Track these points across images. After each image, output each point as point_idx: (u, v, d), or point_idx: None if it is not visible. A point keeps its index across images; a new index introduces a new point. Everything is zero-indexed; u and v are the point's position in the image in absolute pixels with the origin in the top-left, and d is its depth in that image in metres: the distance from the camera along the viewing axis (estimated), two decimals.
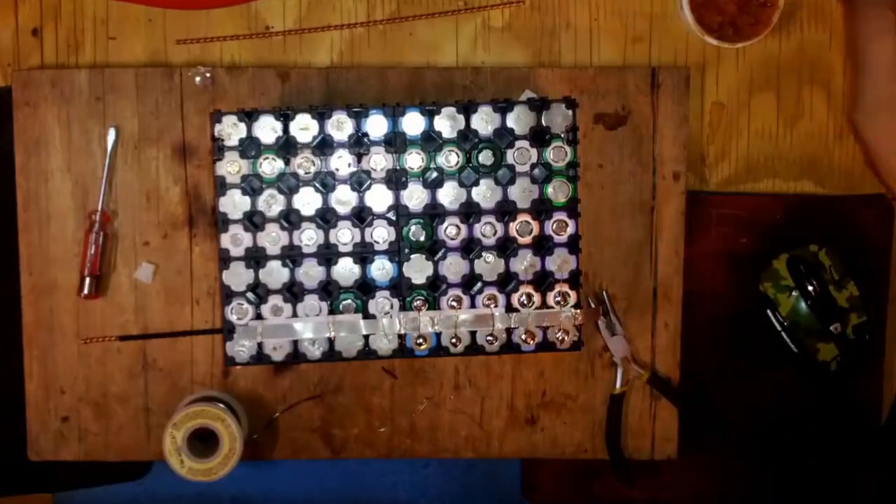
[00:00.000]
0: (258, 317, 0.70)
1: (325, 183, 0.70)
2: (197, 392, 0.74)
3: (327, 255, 0.70)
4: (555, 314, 0.71)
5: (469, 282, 0.71)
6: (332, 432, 0.76)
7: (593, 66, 0.76)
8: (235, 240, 0.70)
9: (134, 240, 0.74)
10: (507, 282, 0.71)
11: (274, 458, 0.76)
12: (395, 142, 0.70)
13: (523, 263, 0.71)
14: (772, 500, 0.80)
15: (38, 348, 0.74)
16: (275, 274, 0.70)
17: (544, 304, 0.71)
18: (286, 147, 0.69)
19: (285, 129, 0.69)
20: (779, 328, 0.76)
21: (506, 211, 0.70)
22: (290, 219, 0.70)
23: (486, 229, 0.70)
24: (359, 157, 0.70)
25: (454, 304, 0.71)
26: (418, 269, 0.70)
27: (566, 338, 0.71)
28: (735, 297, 0.78)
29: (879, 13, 0.72)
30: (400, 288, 0.70)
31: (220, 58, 0.75)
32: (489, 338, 0.71)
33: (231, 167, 0.69)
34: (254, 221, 0.70)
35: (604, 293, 0.75)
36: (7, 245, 0.73)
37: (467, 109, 0.70)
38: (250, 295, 0.70)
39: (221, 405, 0.71)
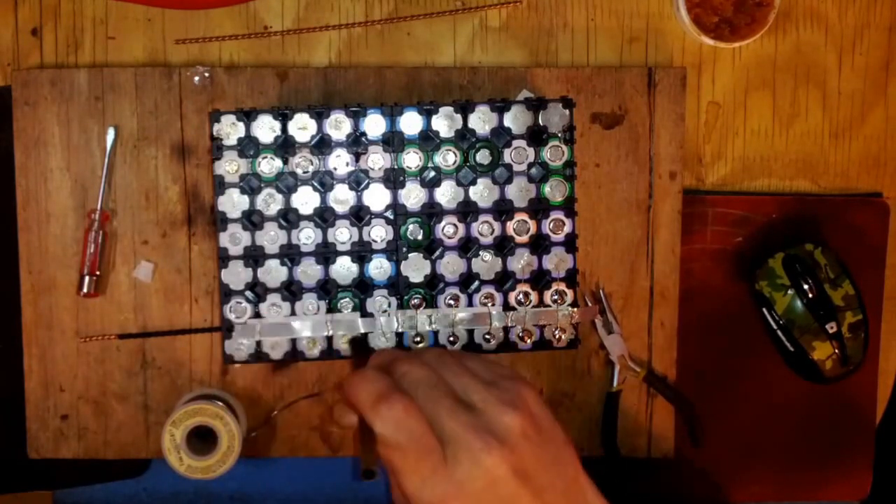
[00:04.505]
0: (257, 315, 0.70)
1: (324, 182, 0.70)
2: (196, 390, 0.75)
3: (325, 253, 0.70)
4: (552, 312, 0.71)
5: (466, 280, 0.71)
6: (331, 430, 0.76)
7: (590, 66, 0.76)
8: (234, 238, 0.70)
9: (133, 238, 0.74)
10: (504, 280, 0.71)
11: (272, 455, 0.76)
12: (393, 141, 0.70)
13: (520, 262, 0.71)
14: (767, 499, 0.81)
15: (38, 346, 0.74)
16: (273, 272, 0.70)
17: (541, 303, 0.71)
18: (284, 146, 0.70)
19: (284, 129, 0.70)
20: (774, 327, 0.76)
21: (503, 210, 0.71)
22: (289, 218, 0.70)
23: (484, 228, 0.71)
24: (357, 157, 0.70)
25: (452, 302, 0.71)
26: (416, 268, 0.71)
27: (563, 336, 0.72)
28: (731, 295, 0.78)
29: None
30: (398, 286, 0.71)
31: (218, 57, 0.75)
32: (486, 336, 0.71)
33: (230, 166, 0.69)
34: (252, 220, 0.70)
35: (600, 292, 0.76)
36: (6, 244, 0.74)
37: (465, 109, 0.70)
38: (249, 293, 0.70)
39: (220, 403, 0.71)
